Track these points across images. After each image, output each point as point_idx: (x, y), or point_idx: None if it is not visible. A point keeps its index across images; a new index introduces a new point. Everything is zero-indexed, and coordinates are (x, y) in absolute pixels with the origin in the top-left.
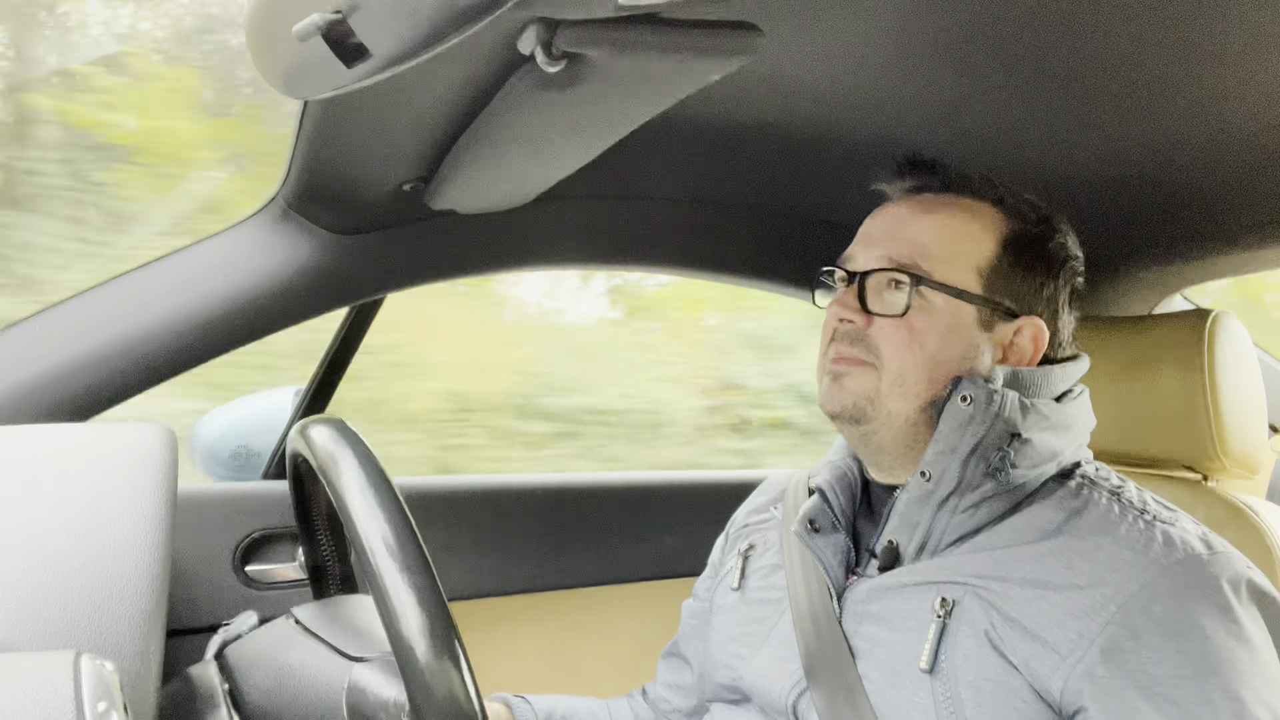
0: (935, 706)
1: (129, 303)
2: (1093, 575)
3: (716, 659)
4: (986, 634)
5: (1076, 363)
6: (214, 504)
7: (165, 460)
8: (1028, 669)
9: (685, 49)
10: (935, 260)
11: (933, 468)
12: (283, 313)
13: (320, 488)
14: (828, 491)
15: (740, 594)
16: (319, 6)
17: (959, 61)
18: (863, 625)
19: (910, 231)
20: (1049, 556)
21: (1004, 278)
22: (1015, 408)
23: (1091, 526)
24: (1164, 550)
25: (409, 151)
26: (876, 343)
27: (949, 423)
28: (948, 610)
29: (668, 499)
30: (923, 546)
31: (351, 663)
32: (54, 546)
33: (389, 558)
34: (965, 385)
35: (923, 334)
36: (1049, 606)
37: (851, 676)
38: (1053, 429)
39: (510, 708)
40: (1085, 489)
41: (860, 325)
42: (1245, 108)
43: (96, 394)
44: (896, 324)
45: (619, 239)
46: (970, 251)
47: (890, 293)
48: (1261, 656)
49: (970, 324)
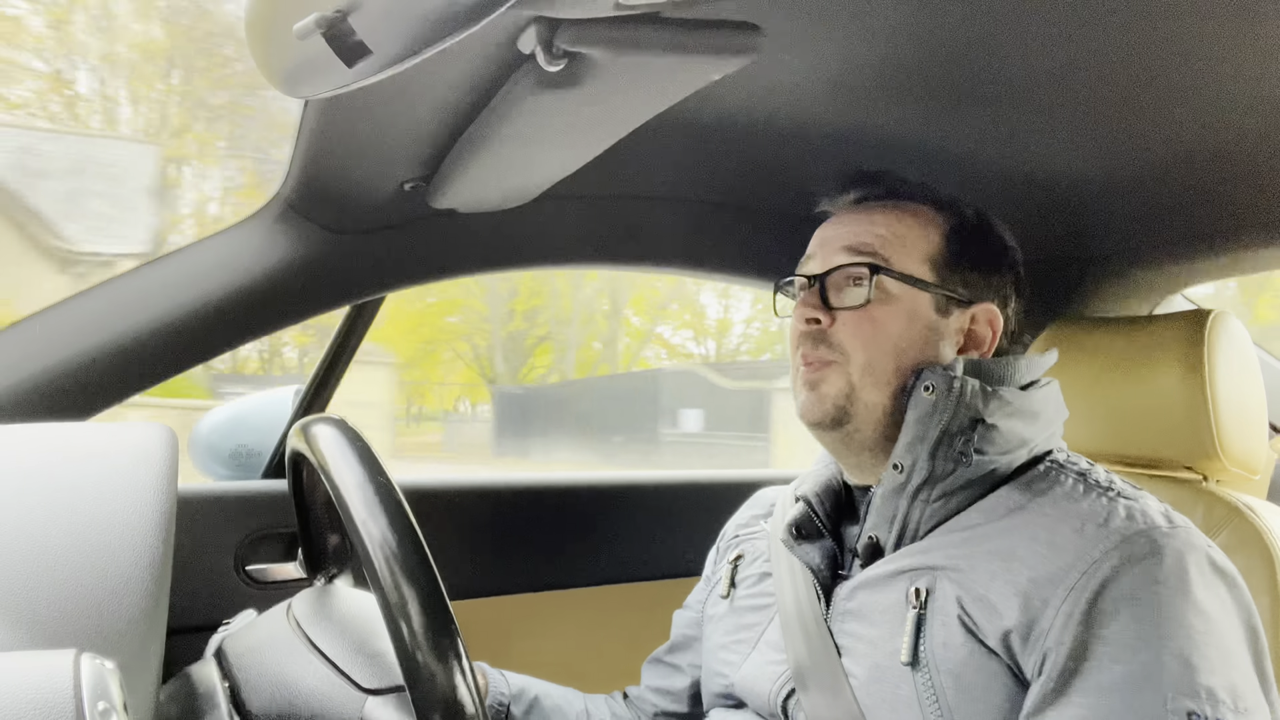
0: (918, 698)
1: (129, 302)
2: (1053, 545)
3: (711, 668)
4: (960, 619)
5: (1044, 355)
6: (214, 503)
7: (165, 459)
8: (1002, 646)
9: (685, 49)
10: (890, 250)
11: (904, 459)
12: (283, 312)
13: (320, 487)
14: (812, 499)
15: (729, 602)
16: (320, 5)
17: (959, 62)
18: (846, 623)
19: (863, 229)
20: (1013, 531)
21: (953, 268)
22: (977, 394)
23: (1055, 502)
24: (1125, 522)
25: (409, 151)
26: (840, 339)
27: (915, 413)
28: (922, 601)
29: (667, 499)
30: (901, 537)
31: (364, 695)
32: (54, 545)
33: (389, 557)
34: (927, 375)
35: (884, 323)
36: (1012, 576)
37: (837, 674)
38: (1019, 416)
39: (484, 674)
40: (1053, 472)
41: (824, 325)
42: (1245, 108)
43: (97, 393)
44: (859, 316)
45: (619, 239)
46: (919, 244)
47: (850, 288)
48: (1218, 629)
49: (928, 311)
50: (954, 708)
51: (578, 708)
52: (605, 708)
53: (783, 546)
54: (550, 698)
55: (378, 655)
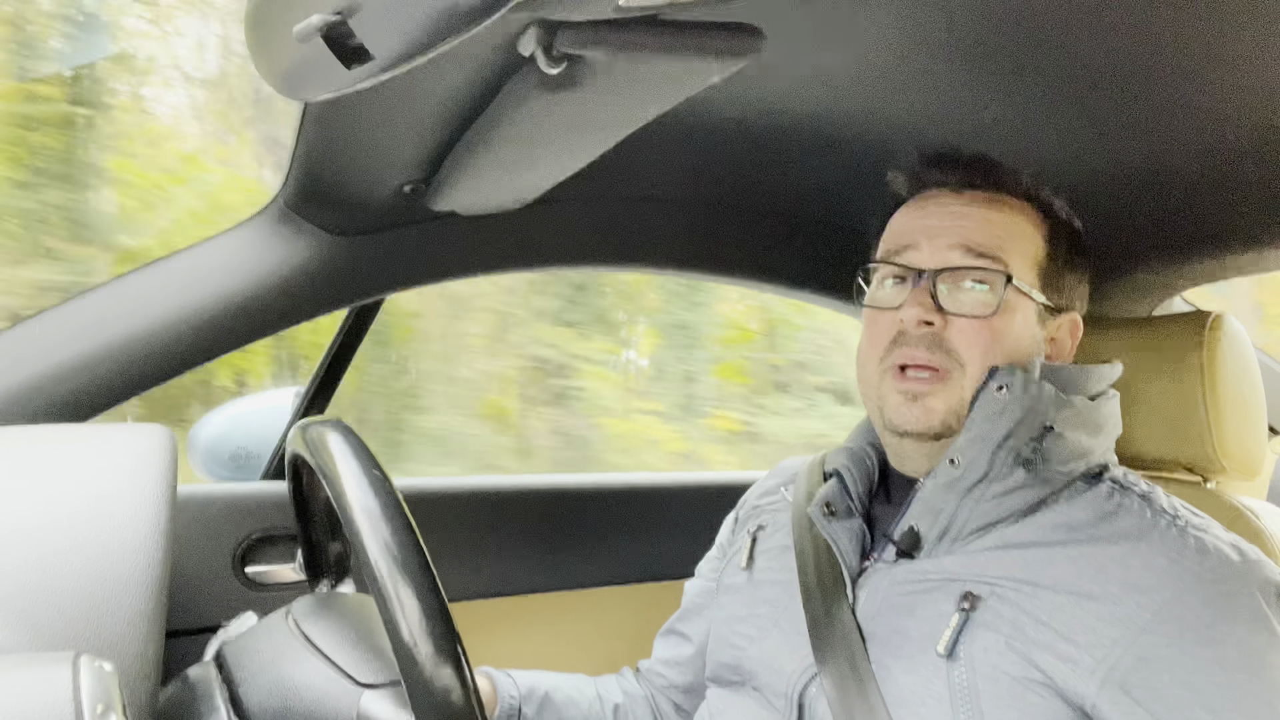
0: (951, 694)
1: (129, 303)
2: (1126, 582)
3: (722, 637)
4: (1011, 635)
5: (1112, 366)
6: (213, 505)
7: (165, 460)
8: (1054, 671)
9: (685, 50)
10: (1012, 254)
11: (962, 455)
12: (283, 313)
13: (320, 489)
14: (846, 476)
15: (749, 574)
16: (319, 7)
17: (959, 63)
18: (881, 612)
19: (983, 226)
20: (1080, 560)
21: (1054, 274)
22: (1050, 400)
23: (1124, 532)
24: (1197, 558)
25: (409, 153)
26: (956, 345)
27: (982, 411)
28: (972, 605)
29: (667, 500)
30: (944, 533)
31: (360, 689)
32: (53, 547)
33: (389, 559)
34: (1002, 375)
35: (1003, 334)
36: (1081, 613)
37: (863, 663)
38: (1085, 427)
39: (492, 681)
40: (1116, 493)
41: (938, 327)
42: (1245, 109)
43: (96, 394)
44: (979, 325)
45: (619, 240)
46: (1030, 249)
47: (969, 291)
48: None
49: (1034, 321)
50: (987, 713)
51: (589, 695)
52: (616, 687)
53: (805, 521)
54: (561, 690)
55: (374, 650)
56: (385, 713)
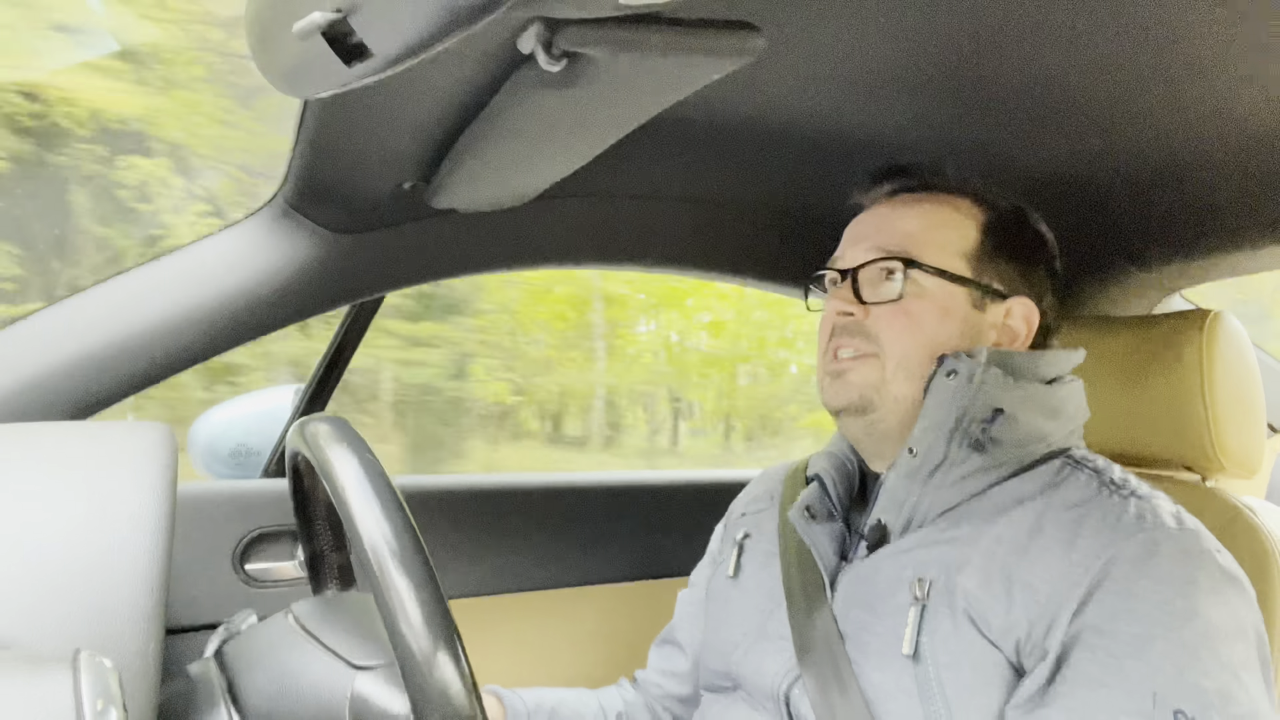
0: (919, 689)
1: (129, 302)
2: (1064, 542)
3: (712, 646)
4: (965, 610)
5: (1070, 352)
6: (213, 502)
7: (165, 458)
8: (1005, 640)
9: (686, 49)
10: (923, 246)
11: (918, 443)
12: (283, 312)
13: (320, 486)
14: (826, 480)
15: (736, 582)
16: (319, 5)
17: (959, 62)
18: (851, 610)
19: (896, 224)
20: (1023, 525)
21: (989, 261)
22: (998, 383)
23: (1067, 498)
24: (1135, 522)
25: (409, 151)
26: (876, 331)
27: (934, 398)
28: (925, 592)
29: (666, 499)
30: (909, 523)
31: (355, 671)
32: (53, 544)
33: (389, 557)
34: (950, 361)
35: (919, 316)
36: (1022, 573)
37: (842, 661)
38: (1040, 410)
39: (501, 700)
40: (1067, 468)
41: (859, 316)
42: (1245, 109)
43: (96, 393)
44: (894, 310)
45: (619, 239)
46: (954, 238)
47: (883, 282)
48: (1218, 633)
49: (963, 305)
50: (953, 700)
51: (593, 707)
52: (618, 698)
53: (788, 526)
54: (567, 704)
55: (368, 636)
56: (379, 693)
